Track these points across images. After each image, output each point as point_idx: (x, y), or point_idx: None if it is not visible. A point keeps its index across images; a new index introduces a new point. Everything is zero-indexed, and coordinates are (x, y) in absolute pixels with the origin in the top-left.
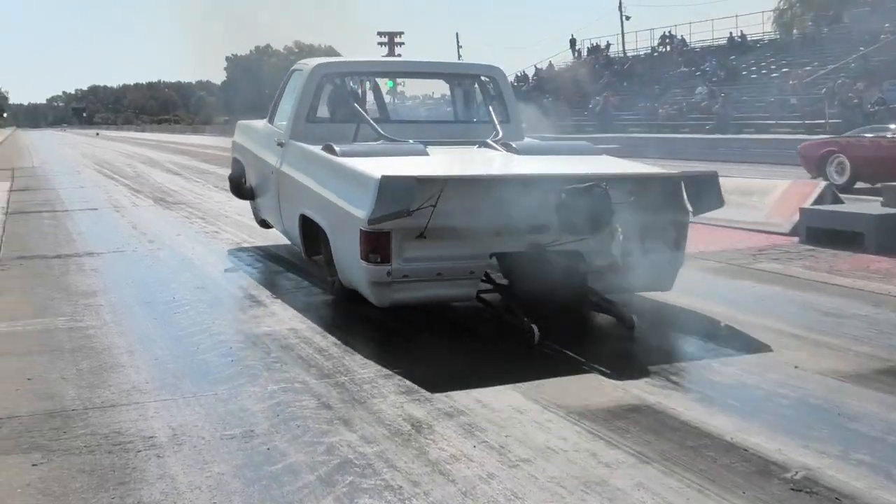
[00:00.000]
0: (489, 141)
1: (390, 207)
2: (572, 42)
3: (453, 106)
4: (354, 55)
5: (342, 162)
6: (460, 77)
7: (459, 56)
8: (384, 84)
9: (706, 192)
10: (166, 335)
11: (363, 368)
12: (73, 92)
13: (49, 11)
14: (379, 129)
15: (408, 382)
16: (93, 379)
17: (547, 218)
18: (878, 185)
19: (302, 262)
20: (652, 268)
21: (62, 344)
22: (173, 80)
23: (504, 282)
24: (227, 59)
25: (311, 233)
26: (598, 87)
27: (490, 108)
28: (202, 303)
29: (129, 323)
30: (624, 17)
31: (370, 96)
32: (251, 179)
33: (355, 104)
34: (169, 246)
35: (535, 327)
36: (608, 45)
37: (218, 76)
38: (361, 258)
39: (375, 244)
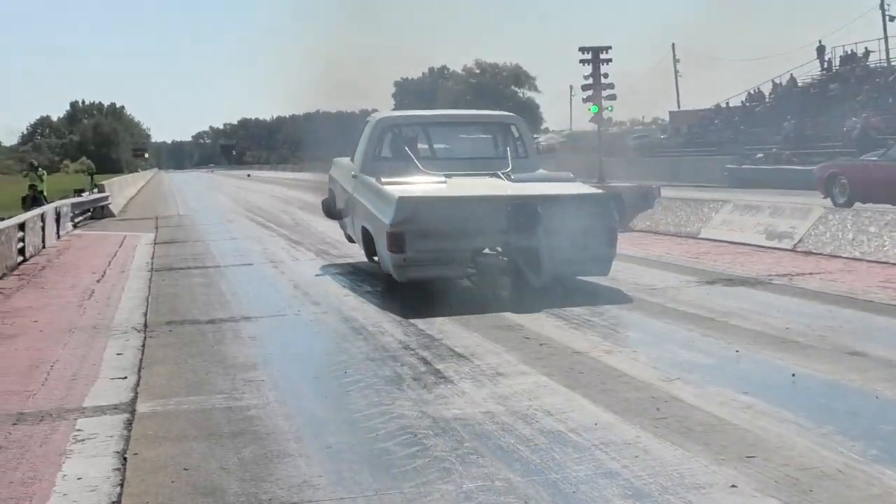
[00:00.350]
0: (499, 173)
1: (404, 216)
2: (820, 50)
3: (483, 145)
4: (548, 72)
5: (381, 187)
6: (488, 124)
7: (676, 71)
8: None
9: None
10: (339, 418)
11: (578, 464)
12: (220, 127)
13: (192, 40)
14: (419, 165)
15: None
16: (257, 470)
17: (503, 224)
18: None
19: (496, 332)
20: (591, 259)
21: (221, 427)
22: (333, 111)
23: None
24: (396, 83)
25: (369, 239)
26: (855, 106)
27: (507, 148)
28: (379, 378)
29: (296, 402)
30: (887, 18)
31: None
32: (339, 203)
33: (405, 147)
34: (336, 308)
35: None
36: (867, 53)
37: (385, 103)
38: (388, 250)
39: (395, 240)
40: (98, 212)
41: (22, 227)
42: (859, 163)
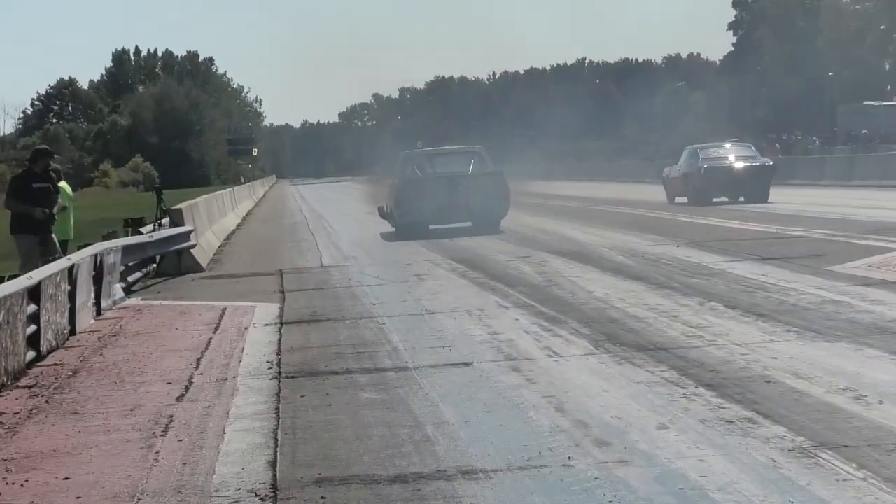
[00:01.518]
0: (472, 173)
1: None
2: None
3: (463, 160)
4: None
5: (394, 186)
6: (467, 151)
7: None
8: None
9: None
10: None
11: None
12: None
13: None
14: (419, 174)
15: None
16: None
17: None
18: None
19: None
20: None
21: None
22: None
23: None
24: None
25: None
26: None
27: (473, 161)
28: None
29: None
30: None
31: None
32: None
33: (414, 166)
34: (646, 456)
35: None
36: None
37: None
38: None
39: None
40: (171, 262)
41: (34, 294)
42: None
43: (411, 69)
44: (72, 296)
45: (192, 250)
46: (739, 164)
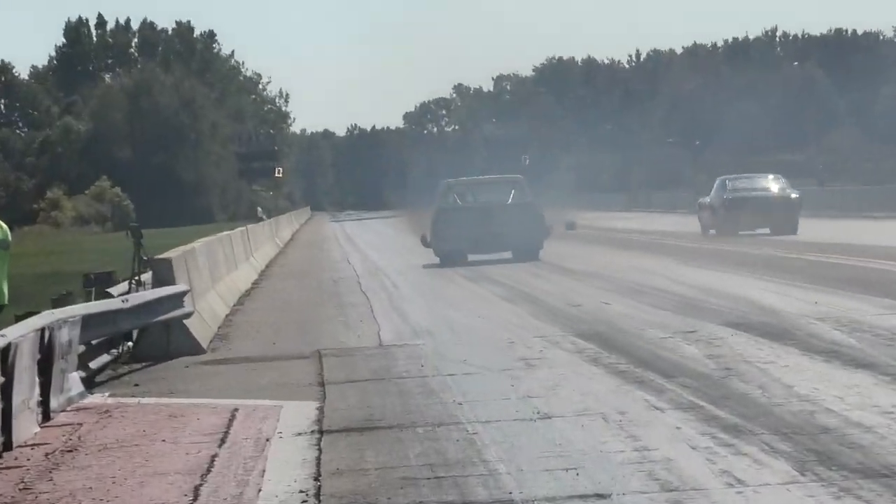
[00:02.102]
0: (509, 202)
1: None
2: None
3: (503, 190)
4: None
5: (432, 215)
6: (508, 181)
7: None
8: None
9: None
10: None
11: None
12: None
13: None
14: (458, 203)
15: None
16: None
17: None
18: None
19: None
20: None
21: None
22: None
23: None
24: None
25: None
26: None
27: (513, 190)
28: None
29: None
30: None
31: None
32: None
33: (455, 195)
34: None
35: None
36: None
37: None
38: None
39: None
40: (155, 340)
41: None
42: None
43: (513, 49)
44: (6, 392)
45: (186, 321)
46: (766, 195)
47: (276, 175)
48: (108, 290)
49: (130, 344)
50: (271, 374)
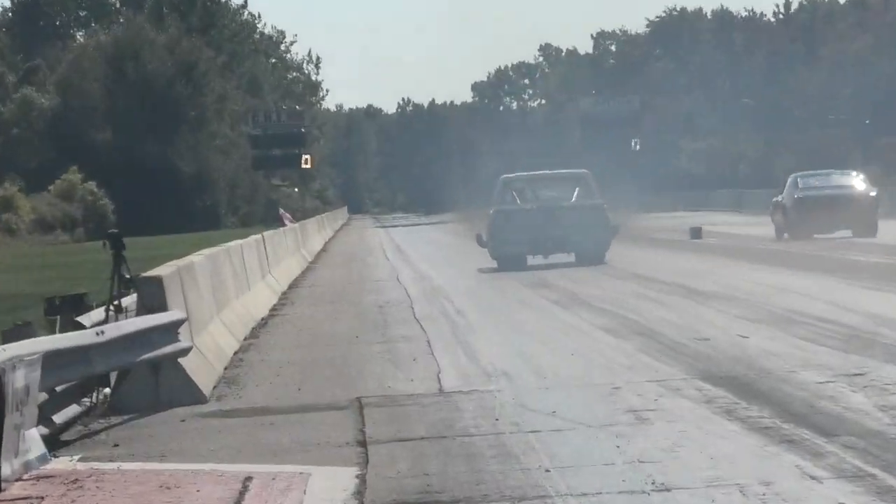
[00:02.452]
0: (572, 202)
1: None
2: None
3: (566, 187)
4: None
5: (489, 214)
6: (573, 176)
7: None
8: None
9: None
10: None
11: None
12: None
13: None
14: (518, 201)
15: None
16: None
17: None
18: None
19: None
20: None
21: None
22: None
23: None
24: None
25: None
26: None
27: (577, 188)
28: None
29: None
30: None
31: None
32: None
33: (513, 192)
34: None
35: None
36: None
37: None
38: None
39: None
40: (140, 384)
41: None
42: None
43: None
44: None
45: (182, 360)
46: (839, 193)
47: (304, 165)
48: (79, 318)
49: (108, 391)
50: (296, 430)
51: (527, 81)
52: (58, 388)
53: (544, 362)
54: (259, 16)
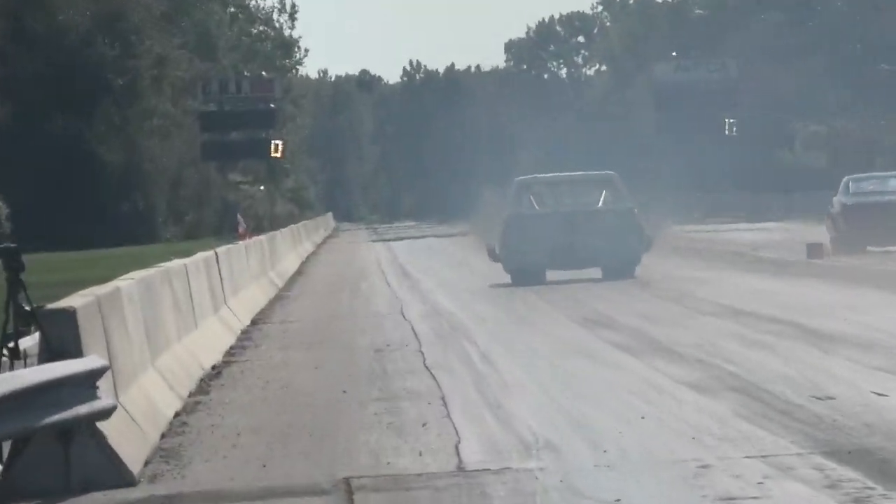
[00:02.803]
0: (598, 207)
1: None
2: None
3: (591, 190)
4: None
5: (502, 221)
6: (598, 179)
7: None
8: None
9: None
10: None
11: None
12: None
13: None
14: (535, 206)
15: None
16: None
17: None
18: None
19: None
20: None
21: None
22: None
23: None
24: None
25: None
26: None
27: (603, 191)
28: None
29: None
30: None
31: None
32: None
33: (530, 196)
34: None
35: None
36: None
37: None
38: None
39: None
40: (47, 459)
41: None
42: None
43: None
44: None
45: (102, 424)
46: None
47: (274, 155)
48: None
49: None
50: None
51: (581, 39)
52: None
53: (604, 430)
54: None
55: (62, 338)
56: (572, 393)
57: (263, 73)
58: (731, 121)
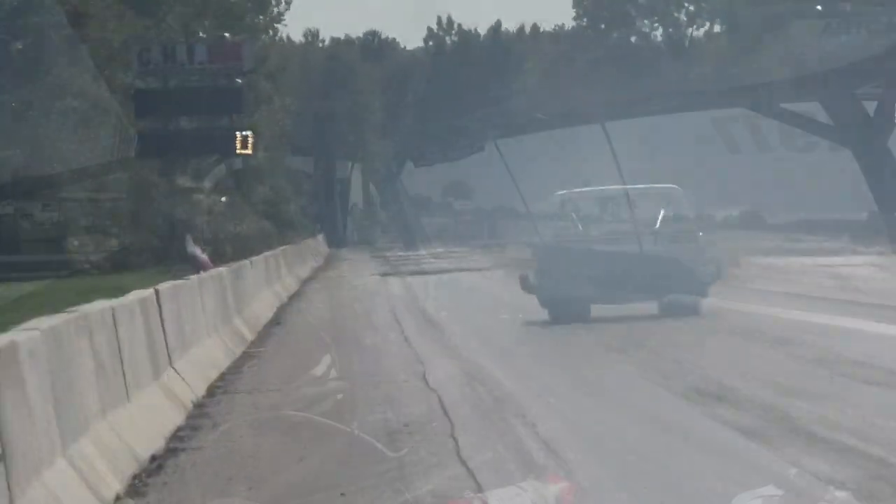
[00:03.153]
0: (655, 229)
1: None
2: None
3: (646, 208)
4: None
5: (538, 245)
6: (656, 193)
7: None
8: None
9: None
10: None
11: None
12: None
13: None
14: (578, 227)
15: None
16: None
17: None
18: None
19: None
20: None
21: None
22: None
23: None
24: None
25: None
26: None
27: (662, 209)
28: None
29: None
30: None
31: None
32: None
33: (573, 215)
34: None
35: None
36: None
37: None
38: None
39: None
40: None
41: None
42: None
43: None
44: None
45: None
46: None
47: (241, 151)
48: None
49: None
50: None
51: None
52: None
53: None
54: None
55: None
56: (677, 500)
57: (226, 34)
58: None
